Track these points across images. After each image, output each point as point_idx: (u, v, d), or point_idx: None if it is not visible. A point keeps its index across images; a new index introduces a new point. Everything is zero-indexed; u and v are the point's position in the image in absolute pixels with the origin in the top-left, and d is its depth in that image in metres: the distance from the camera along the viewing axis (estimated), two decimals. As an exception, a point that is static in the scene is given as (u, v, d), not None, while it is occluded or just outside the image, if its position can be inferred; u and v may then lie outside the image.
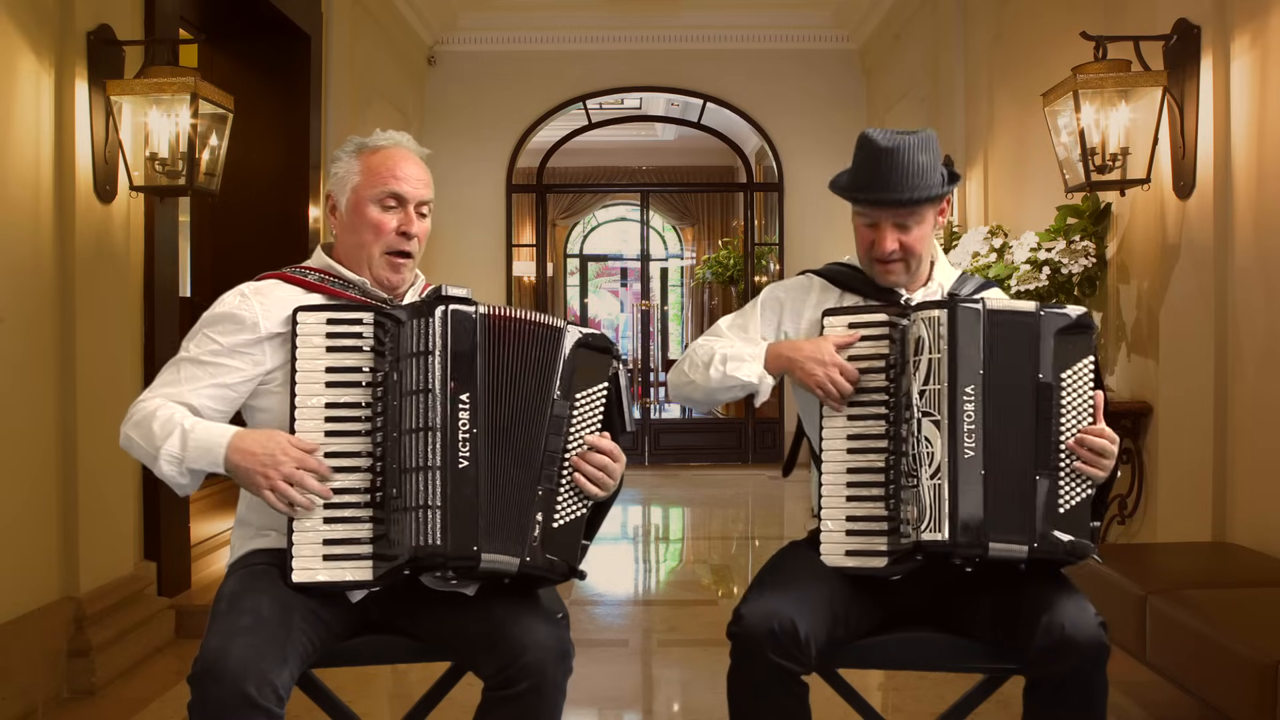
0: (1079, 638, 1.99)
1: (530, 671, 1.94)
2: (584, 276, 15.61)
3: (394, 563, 1.97)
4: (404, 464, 1.97)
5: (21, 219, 3.47)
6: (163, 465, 2.01)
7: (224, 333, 2.09)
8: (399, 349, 2.00)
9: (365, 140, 2.21)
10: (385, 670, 3.73)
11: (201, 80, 3.83)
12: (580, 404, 2.08)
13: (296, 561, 1.98)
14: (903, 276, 2.29)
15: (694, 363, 2.32)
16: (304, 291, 2.14)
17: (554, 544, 2.03)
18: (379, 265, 2.16)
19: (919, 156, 2.20)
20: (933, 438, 2.06)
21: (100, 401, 3.80)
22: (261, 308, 2.10)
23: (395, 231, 2.15)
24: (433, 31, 8.53)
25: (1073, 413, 2.09)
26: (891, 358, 2.18)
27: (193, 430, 2.00)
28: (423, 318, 2.00)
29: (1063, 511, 2.06)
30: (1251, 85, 3.52)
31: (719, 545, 6.83)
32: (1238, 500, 3.60)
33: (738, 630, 2.06)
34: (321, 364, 2.02)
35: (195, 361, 2.08)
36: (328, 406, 2.01)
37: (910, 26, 7.39)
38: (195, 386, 2.07)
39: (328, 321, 2.04)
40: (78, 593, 3.68)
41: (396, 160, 2.17)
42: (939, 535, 2.03)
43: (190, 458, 2.00)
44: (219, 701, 1.78)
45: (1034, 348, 2.10)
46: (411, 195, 2.16)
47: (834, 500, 2.19)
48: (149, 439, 2.01)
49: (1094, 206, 4.31)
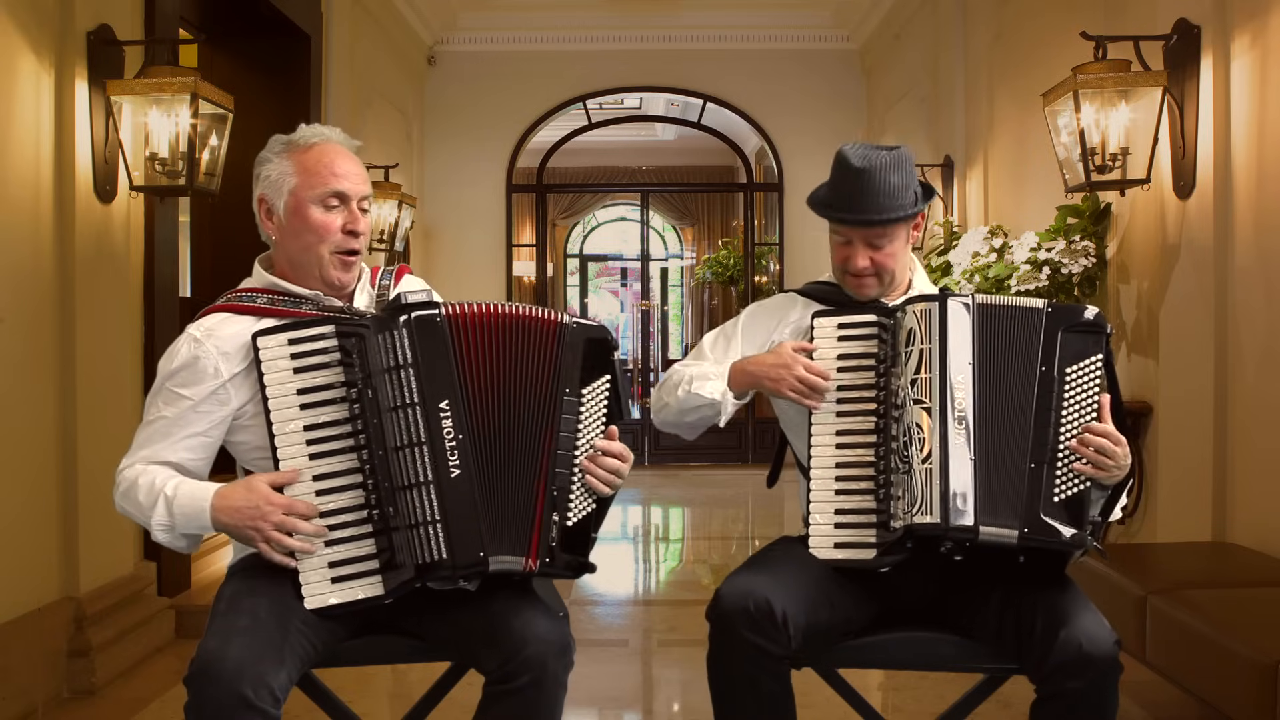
0: (1096, 654, 1.99)
1: (531, 665, 1.94)
2: (584, 276, 15.60)
3: (403, 576, 1.97)
4: (395, 482, 1.96)
5: (21, 219, 3.47)
6: (158, 534, 2.01)
7: (185, 384, 2.03)
8: (369, 365, 1.97)
9: (293, 138, 2.12)
10: (385, 670, 3.73)
11: (201, 80, 3.83)
12: (586, 397, 2.06)
13: (306, 590, 1.96)
14: (875, 290, 2.33)
15: (668, 386, 2.37)
16: (255, 319, 2.05)
17: (570, 541, 2.04)
18: (329, 266, 2.08)
19: (890, 177, 2.25)
20: (924, 424, 2.09)
21: (100, 401, 3.80)
22: (217, 350, 2.04)
23: (342, 231, 2.07)
24: (433, 31, 8.52)
25: (1075, 408, 2.09)
26: (880, 355, 2.20)
27: (175, 497, 1.98)
28: (388, 331, 1.97)
29: (1057, 500, 2.06)
30: (1251, 85, 3.51)
31: (719, 545, 6.83)
32: (1238, 500, 3.60)
33: (714, 609, 2.09)
34: (292, 386, 1.98)
35: (164, 419, 2.05)
36: (307, 429, 1.98)
37: (910, 26, 7.39)
38: (170, 443, 2.04)
39: (289, 342, 1.98)
40: (78, 593, 3.68)
41: (333, 157, 2.09)
42: (930, 518, 2.04)
43: (180, 525, 2.00)
44: (215, 702, 1.78)
45: (1032, 340, 2.12)
46: (353, 192, 2.09)
47: (822, 496, 2.20)
48: (139, 509, 2.02)
49: (1094, 206, 4.31)
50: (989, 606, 2.15)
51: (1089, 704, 2.00)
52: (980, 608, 2.17)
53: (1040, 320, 2.13)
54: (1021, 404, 2.10)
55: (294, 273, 2.12)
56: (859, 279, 2.32)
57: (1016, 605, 2.10)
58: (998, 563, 2.11)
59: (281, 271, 2.13)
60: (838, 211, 2.29)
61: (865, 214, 2.25)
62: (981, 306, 2.14)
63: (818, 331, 2.26)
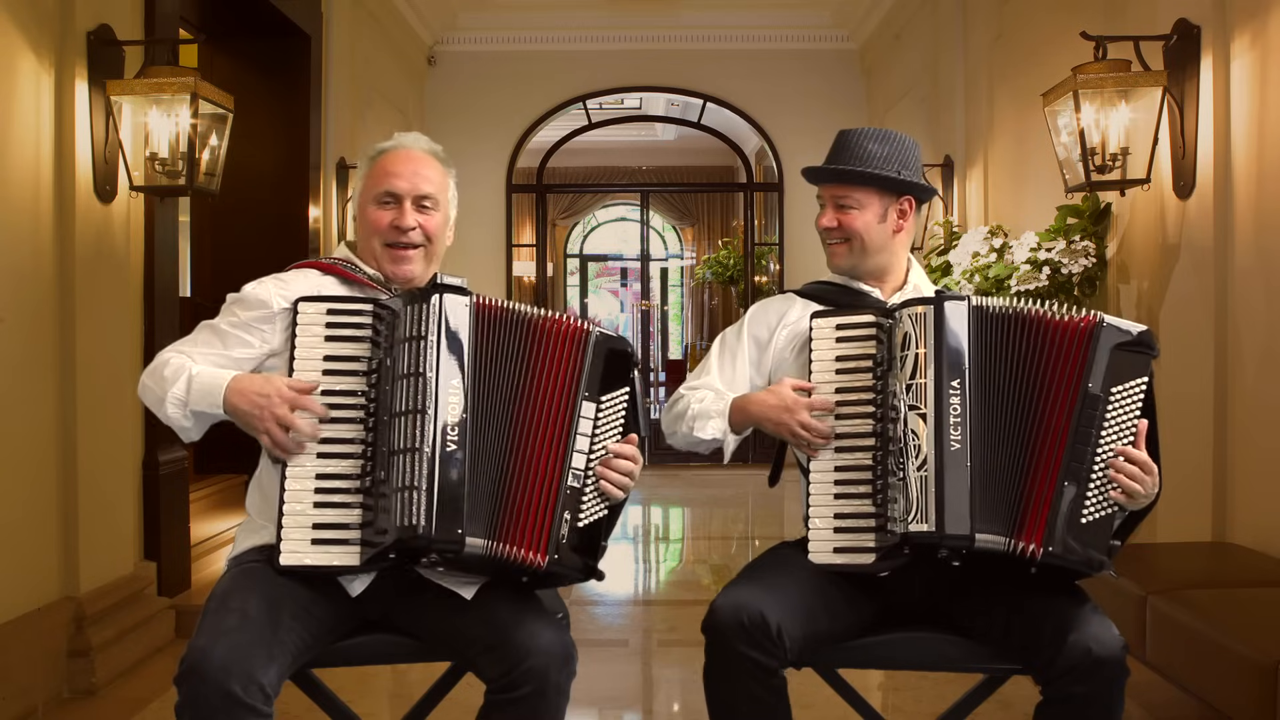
0: (1105, 658, 1.98)
1: (534, 676, 1.94)
2: (584, 276, 15.61)
3: (379, 547, 1.97)
4: (392, 446, 1.98)
5: (21, 219, 3.47)
6: (168, 409, 2.06)
7: (244, 308, 2.16)
8: (393, 337, 2.02)
9: (380, 145, 2.29)
10: (385, 670, 3.73)
11: (201, 80, 3.83)
12: (605, 405, 2.09)
13: (285, 545, 1.99)
14: (846, 260, 2.36)
15: (675, 413, 2.38)
16: (319, 274, 2.21)
17: (580, 543, 2.04)
18: (383, 259, 2.22)
19: (869, 144, 2.31)
20: (919, 430, 2.06)
21: (100, 401, 3.81)
22: (276, 289, 2.16)
23: (389, 226, 2.20)
24: (433, 31, 8.53)
25: (1114, 430, 2.05)
26: (878, 356, 2.18)
27: (198, 375, 2.06)
28: (418, 303, 2.03)
29: (1085, 523, 2.02)
30: (1251, 85, 3.52)
31: (719, 545, 6.83)
32: (1238, 500, 3.60)
33: (709, 623, 2.08)
34: (320, 352, 2.05)
35: (215, 330, 2.16)
36: (324, 394, 2.03)
37: (910, 26, 7.39)
38: (207, 352, 2.13)
39: (328, 311, 2.07)
40: (78, 593, 3.68)
41: (396, 160, 2.24)
42: (925, 526, 2.03)
43: (193, 400, 2.05)
44: (205, 701, 1.78)
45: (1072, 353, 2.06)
46: (405, 191, 2.21)
47: (821, 500, 2.19)
48: (160, 383, 2.08)
49: (1094, 206, 4.31)
50: (994, 609, 2.14)
51: (1096, 708, 1.99)
52: (984, 610, 2.16)
53: (1088, 333, 2.05)
54: (1020, 408, 2.08)
55: (364, 260, 2.26)
56: (830, 246, 2.36)
57: (1023, 608, 2.09)
58: (1002, 567, 2.10)
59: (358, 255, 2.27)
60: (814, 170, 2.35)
61: (829, 164, 2.32)
62: (978, 309, 2.11)
63: (815, 333, 2.25)
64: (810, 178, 2.39)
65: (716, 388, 2.39)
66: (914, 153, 2.35)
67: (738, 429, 2.31)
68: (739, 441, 2.34)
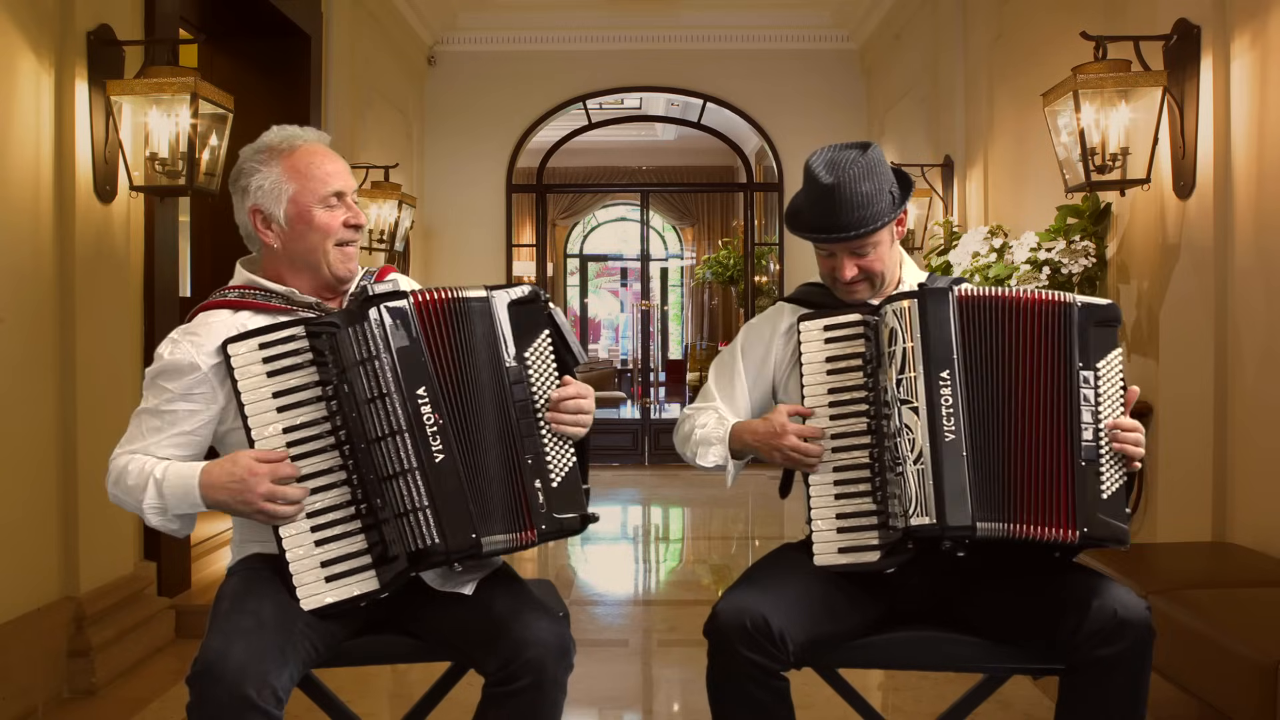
0: (1131, 619, 2.00)
1: (532, 668, 1.94)
2: (584, 276, 15.62)
3: (397, 568, 1.97)
4: (380, 473, 1.97)
5: (21, 219, 3.47)
6: (150, 519, 2.04)
7: (172, 379, 2.07)
8: (342, 360, 1.98)
9: (271, 144, 2.16)
10: (385, 670, 3.73)
11: (201, 80, 3.83)
12: (531, 359, 2.07)
13: (301, 591, 1.97)
14: (868, 293, 2.32)
15: (681, 436, 2.41)
16: (230, 312, 2.11)
17: (561, 502, 2.03)
18: (335, 261, 2.14)
19: (861, 187, 2.23)
20: (913, 424, 2.07)
21: (100, 401, 3.80)
22: (194, 346, 2.07)
23: (344, 225, 2.15)
24: (433, 31, 8.53)
25: (1109, 402, 2.09)
26: (867, 354, 2.19)
27: (164, 478, 2.01)
28: (358, 324, 1.99)
29: (1105, 497, 2.06)
30: (1251, 85, 3.52)
31: (719, 545, 6.83)
32: (1238, 500, 3.60)
33: (712, 627, 2.08)
34: (267, 390, 2.00)
35: (154, 412, 2.08)
36: (286, 431, 1.99)
37: (910, 26, 7.39)
38: (159, 439, 2.07)
39: (260, 346, 2.00)
40: (78, 593, 3.68)
41: (322, 158, 2.16)
42: (926, 519, 2.04)
43: (171, 505, 2.02)
44: (217, 702, 1.78)
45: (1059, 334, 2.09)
46: (348, 188, 2.17)
47: (822, 500, 2.19)
48: (129, 493, 2.04)
49: (1094, 206, 4.31)
50: (1007, 597, 2.14)
51: (1123, 671, 2.00)
52: (997, 601, 2.16)
53: (1071, 315, 2.09)
54: (1011, 394, 2.09)
55: (294, 275, 2.16)
56: (849, 286, 2.31)
57: (1041, 590, 2.10)
58: (1014, 553, 2.10)
59: (275, 274, 2.17)
60: (815, 232, 2.27)
61: (843, 231, 2.23)
62: (961, 299, 2.12)
63: (803, 336, 2.25)
64: (824, 240, 2.27)
65: (720, 410, 2.41)
66: (884, 161, 2.30)
67: (738, 455, 2.32)
68: (741, 467, 2.35)
